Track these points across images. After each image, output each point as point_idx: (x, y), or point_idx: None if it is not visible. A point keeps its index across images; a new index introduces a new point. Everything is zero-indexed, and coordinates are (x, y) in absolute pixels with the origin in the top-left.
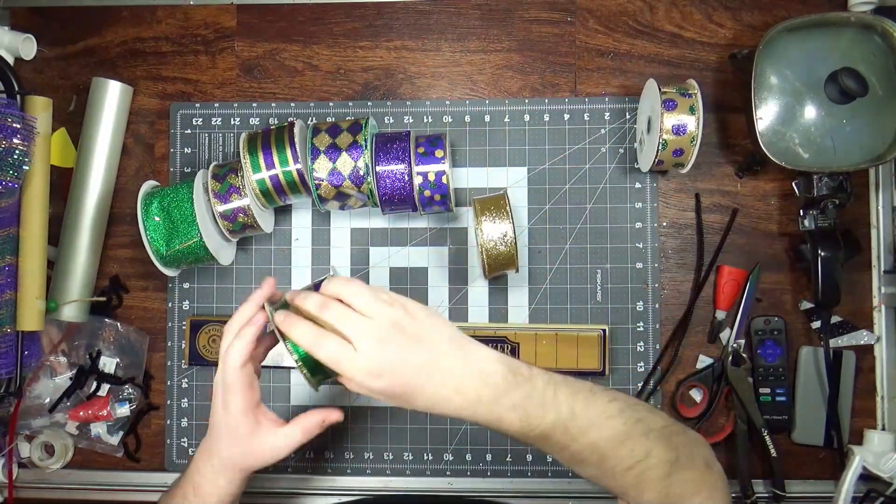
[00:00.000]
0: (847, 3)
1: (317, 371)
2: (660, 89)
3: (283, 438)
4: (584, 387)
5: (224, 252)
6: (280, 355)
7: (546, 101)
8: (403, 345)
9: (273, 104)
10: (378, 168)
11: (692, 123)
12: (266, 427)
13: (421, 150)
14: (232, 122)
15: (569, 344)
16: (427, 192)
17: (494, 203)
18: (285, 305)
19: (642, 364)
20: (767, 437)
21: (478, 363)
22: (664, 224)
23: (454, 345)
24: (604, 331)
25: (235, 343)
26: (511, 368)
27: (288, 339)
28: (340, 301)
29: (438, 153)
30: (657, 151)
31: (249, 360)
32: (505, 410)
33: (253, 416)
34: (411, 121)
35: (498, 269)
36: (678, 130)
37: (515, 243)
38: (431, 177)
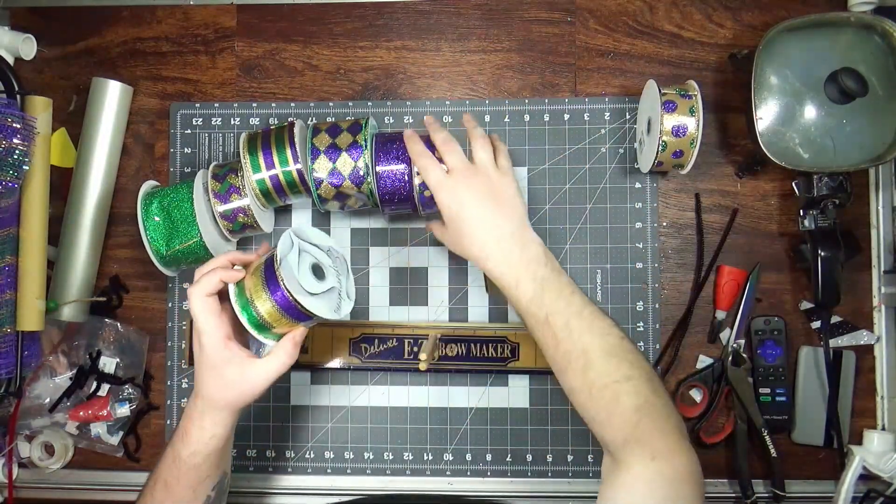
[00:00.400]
0: (847, 3)
1: (263, 329)
2: (660, 91)
3: (263, 367)
4: (597, 306)
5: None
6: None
7: (546, 101)
8: (483, 191)
9: (273, 104)
10: (378, 168)
11: (692, 125)
12: (241, 358)
13: None
14: (232, 122)
15: None
16: (427, 193)
17: None
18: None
19: None
20: (767, 437)
21: (529, 236)
22: (664, 224)
23: (520, 216)
24: None
25: (204, 277)
26: (549, 256)
27: (242, 298)
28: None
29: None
30: (657, 153)
31: (215, 295)
32: (527, 277)
33: (226, 349)
34: (411, 121)
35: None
36: (678, 132)
37: None
38: None
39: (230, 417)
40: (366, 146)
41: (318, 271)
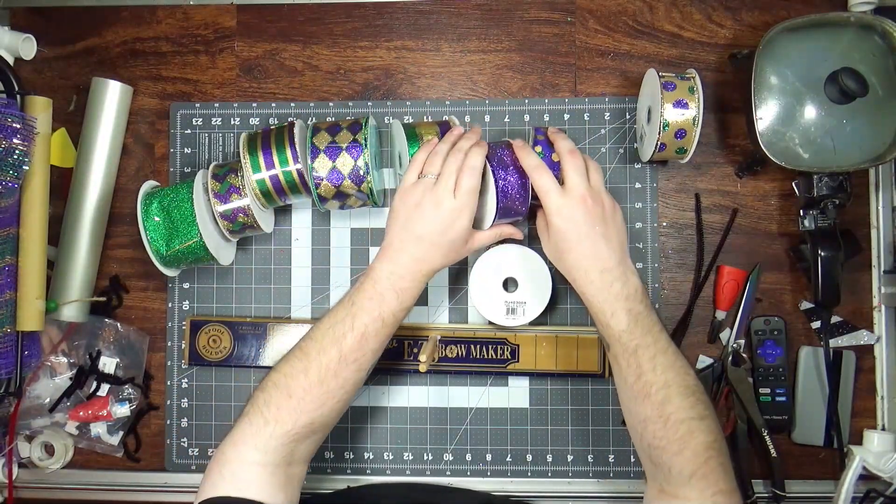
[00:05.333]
0: (847, 3)
1: None
2: (659, 74)
3: (478, 242)
4: (677, 347)
5: (224, 252)
6: None
7: (546, 101)
8: (596, 218)
9: (273, 104)
10: (499, 182)
11: (693, 103)
12: (471, 235)
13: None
14: (232, 122)
15: (569, 346)
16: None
17: None
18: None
19: None
20: (767, 437)
21: (629, 268)
22: (664, 224)
23: (624, 247)
24: None
25: (467, 178)
26: (644, 292)
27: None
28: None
29: None
30: (659, 132)
31: None
32: (622, 310)
33: (470, 225)
34: (411, 121)
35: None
36: (679, 105)
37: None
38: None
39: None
40: (365, 145)
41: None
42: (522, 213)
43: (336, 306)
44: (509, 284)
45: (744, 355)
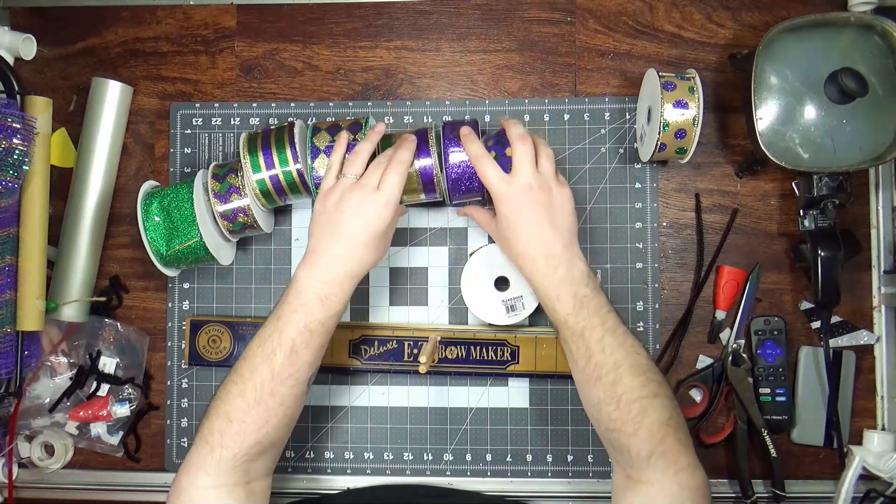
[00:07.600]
0: (847, 3)
1: None
2: (659, 74)
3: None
4: (627, 327)
5: (224, 252)
6: None
7: (546, 101)
8: (541, 205)
9: (273, 104)
10: (450, 158)
11: (693, 103)
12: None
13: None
14: (232, 122)
15: None
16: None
17: None
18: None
19: None
20: (767, 437)
21: (576, 254)
22: (664, 224)
23: (571, 233)
24: None
25: (394, 173)
26: (591, 276)
27: None
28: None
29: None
30: (659, 132)
31: None
32: (568, 294)
33: (395, 223)
34: (411, 121)
35: None
36: (679, 105)
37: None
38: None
39: None
40: None
41: None
42: (476, 190)
43: (265, 322)
44: (501, 283)
45: (744, 355)
